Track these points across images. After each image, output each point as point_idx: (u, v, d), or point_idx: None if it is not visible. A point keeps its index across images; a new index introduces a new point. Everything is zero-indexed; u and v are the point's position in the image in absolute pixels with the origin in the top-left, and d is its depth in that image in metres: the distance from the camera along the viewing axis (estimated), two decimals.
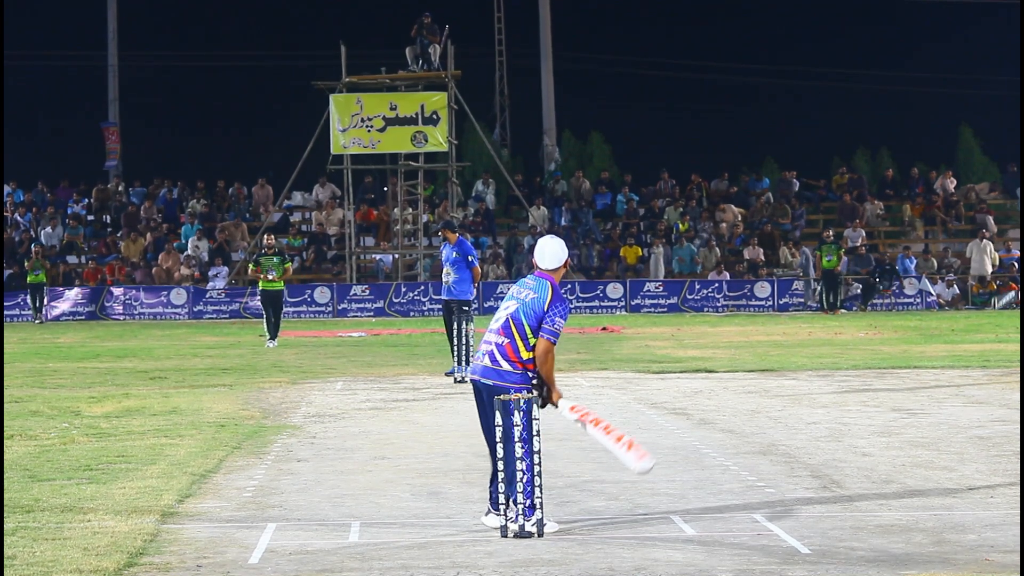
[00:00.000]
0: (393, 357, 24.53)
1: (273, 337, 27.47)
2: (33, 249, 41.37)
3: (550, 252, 9.59)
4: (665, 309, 40.20)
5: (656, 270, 42.13)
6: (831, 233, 40.21)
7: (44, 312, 39.80)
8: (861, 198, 45.19)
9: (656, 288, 40.76)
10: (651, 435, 13.94)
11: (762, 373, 20.56)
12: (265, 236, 29.80)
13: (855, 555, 8.55)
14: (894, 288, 40.28)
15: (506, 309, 9.49)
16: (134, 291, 40.97)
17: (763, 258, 42.78)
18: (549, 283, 9.45)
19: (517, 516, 9.09)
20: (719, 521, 9.65)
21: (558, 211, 45.13)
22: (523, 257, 42.22)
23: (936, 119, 50.61)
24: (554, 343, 9.31)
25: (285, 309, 39.01)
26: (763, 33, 57.03)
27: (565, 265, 9.61)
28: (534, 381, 9.40)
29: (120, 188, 47.88)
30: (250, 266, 28.76)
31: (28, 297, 39.63)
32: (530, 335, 9.35)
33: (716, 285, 40.80)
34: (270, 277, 27.53)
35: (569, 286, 39.60)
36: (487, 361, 9.43)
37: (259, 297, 28.39)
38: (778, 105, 54.96)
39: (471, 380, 9.59)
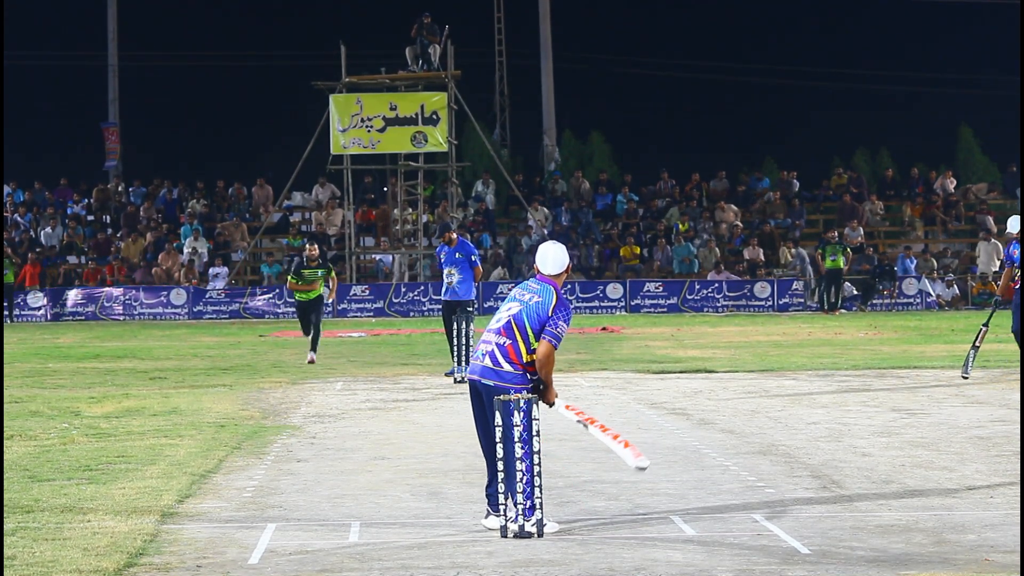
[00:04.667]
0: (393, 357, 24.52)
1: (313, 348, 23.27)
2: (5, 249, 41.12)
3: (552, 257, 9.61)
4: (665, 309, 40.18)
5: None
6: (835, 233, 40.20)
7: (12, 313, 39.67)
8: (860, 198, 45.18)
9: (656, 288, 40.74)
10: (651, 435, 13.94)
11: (762, 373, 20.55)
12: (307, 247, 24.45)
13: (855, 555, 8.55)
14: (892, 288, 40.25)
15: (508, 310, 9.50)
16: (134, 291, 40.94)
17: (763, 258, 42.77)
18: (552, 288, 9.48)
19: (517, 516, 9.09)
20: (719, 521, 9.65)
21: (558, 211, 45.11)
22: (523, 257, 42.19)
23: (936, 119, 50.56)
24: (556, 346, 9.38)
25: (285, 309, 39.19)
26: (763, 33, 57.00)
27: (567, 270, 9.64)
28: (532, 381, 9.43)
29: (120, 188, 47.87)
30: (290, 279, 24.22)
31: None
32: (532, 337, 9.37)
33: (716, 285, 40.77)
34: (312, 295, 23.50)
35: (569, 286, 39.56)
36: (487, 361, 9.43)
37: (296, 308, 24.39)
38: (778, 105, 54.89)
39: (469, 380, 9.58)
